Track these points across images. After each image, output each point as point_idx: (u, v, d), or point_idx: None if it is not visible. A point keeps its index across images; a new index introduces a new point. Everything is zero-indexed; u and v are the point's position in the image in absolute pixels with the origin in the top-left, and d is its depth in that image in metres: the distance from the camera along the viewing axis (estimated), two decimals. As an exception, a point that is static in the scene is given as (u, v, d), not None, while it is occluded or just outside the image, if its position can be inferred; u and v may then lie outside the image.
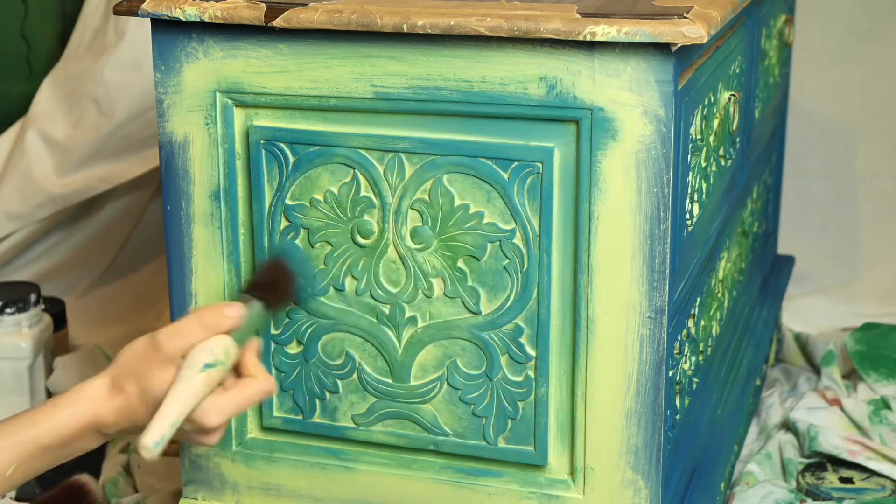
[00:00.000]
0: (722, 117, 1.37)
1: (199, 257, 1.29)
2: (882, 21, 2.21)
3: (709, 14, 1.13)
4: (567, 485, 1.25)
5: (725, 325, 1.58)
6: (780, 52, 1.86)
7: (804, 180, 2.28)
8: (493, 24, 1.12)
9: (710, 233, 1.39)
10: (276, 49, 1.21)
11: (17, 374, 1.82)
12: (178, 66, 1.24)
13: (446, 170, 1.19)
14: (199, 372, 1.07)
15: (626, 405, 1.20)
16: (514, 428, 1.25)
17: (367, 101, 1.20)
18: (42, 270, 2.23)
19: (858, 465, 1.70)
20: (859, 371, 1.94)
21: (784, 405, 1.88)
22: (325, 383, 1.29)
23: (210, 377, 1.07)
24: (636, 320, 1.18)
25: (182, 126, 1.26)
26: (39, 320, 1.86)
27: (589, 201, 1.16)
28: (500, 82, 1.16)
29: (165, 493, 1.61)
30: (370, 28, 1.16)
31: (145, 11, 1.21)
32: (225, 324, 1.10)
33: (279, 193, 1.24)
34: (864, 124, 2.25)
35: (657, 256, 1.16)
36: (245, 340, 1.13)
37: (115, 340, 2.03)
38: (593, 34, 1.10)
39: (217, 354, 1.08)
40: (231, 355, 1.10)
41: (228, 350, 1.09)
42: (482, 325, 1.22)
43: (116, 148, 2.12)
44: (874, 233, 2.27)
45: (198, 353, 1.08)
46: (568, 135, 1.16)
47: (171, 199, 1.28)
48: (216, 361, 1.08)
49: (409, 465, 1.29)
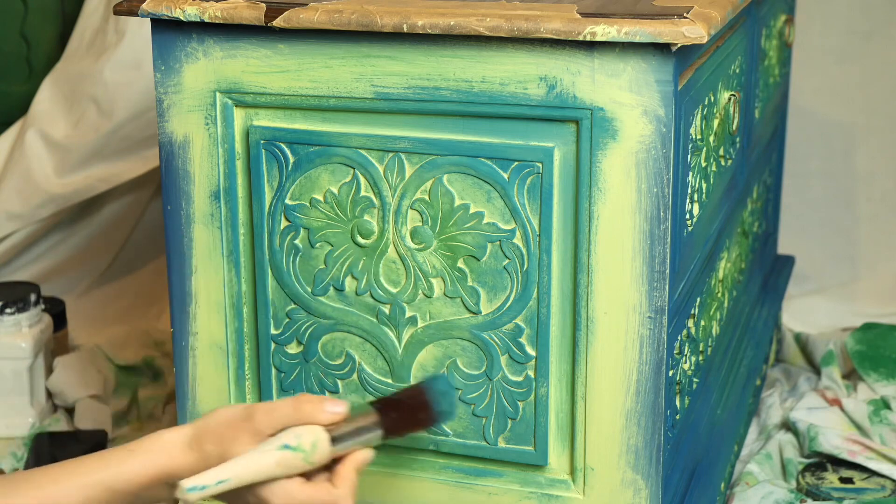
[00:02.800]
0: (722, 117, 1.37)
1: (199, 257, 1.29)
2: (882, 21, 2.21)
3: (709, 14, 1.13)
4: (567, 485, 1.25)
5: (725, 325, 1.58)
6: (780, 52, 1.86)
7: (804, 180, 2.28)
8: (493, 24, 1.12)
9: (710, 233, 1.39)
10: (276, 49, 1.21)
11: (17, 374, 1.82)
12: (178, 66, 1.24)
13: (446, 170, 1.19)
14: (275, 449, 1.05)
15: (626, 405, 1.20)
16: (514, 428, 1.25)
17: (367, 101, 1.20)
18: (42, 270, 2.23)
19: (858, 465, 1.69)
20: (859, 371, 1.94)
21: (784, 405, 1.88)
22: (326, 383, 1.29)
23: (285, 458, 1.05)
24: (636, 320, 1.18)
25: (182, 126, 1.26)
26: (39, 320, 1.86)
27: (589, 201, 1.16)
28: (500, 82, 1.16)
29: (166, 494, 1.61)
30: (370, 28, 1.16)
31: (145, 11, 1.21)
32: (321, 417, 1.08)
33: (279, 193, 1.24)
34: (864, 124, 2.25)
35: (657, 256, 1.16)
36: (348, 447, 1.09)
37: (115, 340, 2.03)
38: (593, 34, 1.10)
39: (302, 441, 1.06)
40: (318, 450, 1.07)
41: (317, 443, 1.07)
42: (482, 325, 1.22)
43: (116, 148, 2.12)
44: (874, 233, 2.27)
45: (285, 434, 1.07)
46: (568, 135, 1.16)
47: (171, 199, 1.28)
48: (298, 447, 1.06)
49: (409, 465, 1.29)
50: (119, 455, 1.09)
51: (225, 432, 1.08)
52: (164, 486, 1.10)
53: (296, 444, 1.06)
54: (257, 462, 1.05)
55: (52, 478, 1.07)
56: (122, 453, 1.09)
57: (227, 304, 1.29)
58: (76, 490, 1.07)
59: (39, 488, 1.06)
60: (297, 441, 1.06)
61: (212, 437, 1.08)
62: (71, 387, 1.87)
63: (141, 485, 1.08)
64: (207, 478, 1.04)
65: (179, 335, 1.32)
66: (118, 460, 1.08)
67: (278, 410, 1.08)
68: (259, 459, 1.05)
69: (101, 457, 1.09)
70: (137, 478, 1.08)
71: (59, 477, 1.07)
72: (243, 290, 1.29)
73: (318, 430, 1.08)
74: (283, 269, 1.26)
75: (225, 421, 1.09)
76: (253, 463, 1.05)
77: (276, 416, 1.08)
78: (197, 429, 1.10)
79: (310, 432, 1.07)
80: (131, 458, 1.08)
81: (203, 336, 1.31)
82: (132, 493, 1.09)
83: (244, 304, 1.30)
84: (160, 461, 1.08)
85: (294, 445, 1.06)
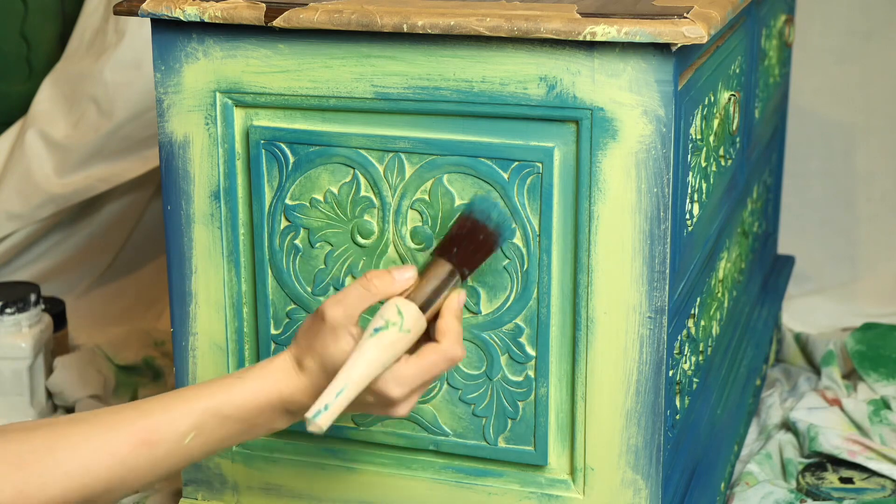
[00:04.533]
0: (722, 117, 1.37)
1: (199, 257, 1.29)
2: (882, 21, 2.21)
3: (709, 14, 1.13)
4: (567, 485, 1.25)
5: (725, 325, 1.58)
6: (780, 52, 1.86)
7: (804, 180, 2.28)
8: (493, 24, 1.12)
9: (710, 233, 1.39)
10: (276, 49, 1.21)
11: (17, 374, 1.82)
12: (178, 66, 1.24)
13: (446, 170, 1.19)
14: (369, 337, 1.01)
15: (626, 405, 1.20)
16: (514, 428, 1.25)
17: (367, 101, 1.20)
18: (42, 270, 2.23)
19: (858, 465, 1.69)
20: (859, 371, 1.94)
21: (784, 405, 1.87)
22: (325, 383, 1.29)
23: (381, 342, 1.02)
24: (636, 320, 1.18)
25: (182, 126, 1.26)
26: (39, 320, 1.86)
27: (589, 201, 1.16)
28: (500, 82, 1.16)
29: (165, 493, 1.61)
30: (370, 28, 1.16)
31: (145, 11, 1.21)
32: (393, 287, 1.06)
33: (279, 193, 1.24)
34: (864, 124, 2.25)
35: (657, 256, 1.16)
36: (434, 302, 1.06)
37: (115, 340, 2.03)
38: (593, 34, 1.10)
39: (388, 316, 1.02)
40: (408, 316, 1.04)
41: (402, 310, 1.03)
42: (482, 324, 1.22)
43: (116, 148, 2.12)
44: (874, 233, 2.27)
45: (371, 322, 1.03)
46: (568, 135, 1.16)
47: (171, 199, 1.28)
48: (388, 323, 1.02)
49: (408, 465, 1.29)
50: (228, 381, 1.06)
51: (313, 343, 1.05)
52: (277, 413, 1.07)
53: (384, 323, 1.03)
54: (361, 359, 1.01)
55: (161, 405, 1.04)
56: (231, 380, 1.06)
57: (227, 304, 1.29)
58: (184, 416, 1.04)
59: (147, 416, 1.04)
60: (383, 320, 1.03)
61: (306, 352, 1.06)
62: (71, 387, 1.87)
63: (251, 410, 1.06)
64: (326, 397, 1.00)
65: (179, 335, 1.32)
66: (227, 386, 1.06)
67: (349, 297, 1.05)
68: (361, 356, 1.01)
69: (211, 384, 1.07)
70: (247, 403, 1.05)
71: (168, 404, 1.05)
72: (243, 290, 1.29)
73: (397, 299, 1.04)
74: (283, 269, 1.26)
75: (306, 332, 1.06)
76: (358, 362, 1.01)
77: (349, 304, 1.05)
78: (293, 351, 1.07)
79: (391, 305, 1.04)
80: (240, 384, 1.06)
81: (203, 336, 1.31)
82: (244, 420, 1.06)
83: (244, 304, 1.30)
84: (272, 385, 1.06)
85: (382, 325, 1.02)
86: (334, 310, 1.05)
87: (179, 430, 1.04)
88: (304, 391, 1.06)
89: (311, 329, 1.06)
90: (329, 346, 1.05)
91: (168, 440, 1.04)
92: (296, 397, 1.07)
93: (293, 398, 1.06)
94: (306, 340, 1.07)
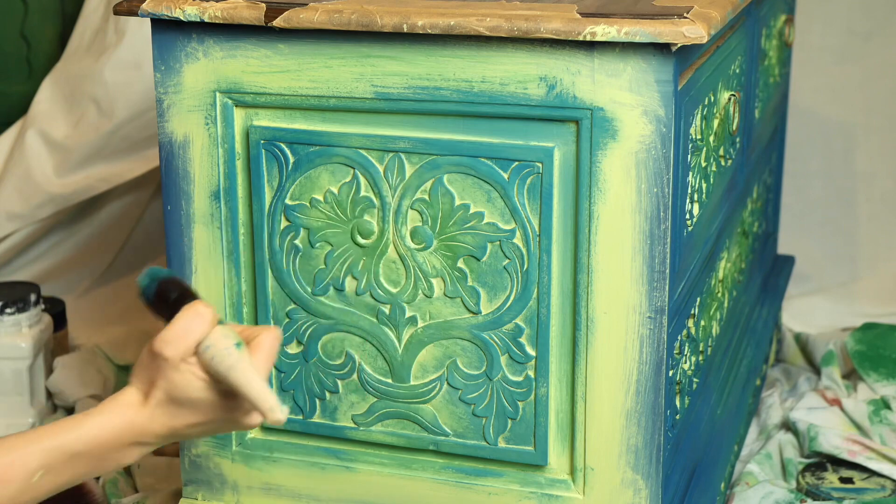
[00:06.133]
0: (722, 117, 1.37)
1: (199, 257, 1.29)
2: (882, 21, 2.21)
3: (709, 14, 1.13)
4: (567, 485, 1.25)
5: (725, 325, 1.58)
6: (780, 52, 1.86)
7: (804, 180, 2.28)
8: (493, 24, 1.12)
9: (710, 233, 1.39)
10: (276, 49, 1.21)
11: (17, 374, 1.82)
12: (178, 66, 1.24)
13: (446, 170, 1.19)
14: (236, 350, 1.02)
15: (626, 405, 1.20)
16: (514, 428, 1.25)
17: (367, 101, 1.20)
18: (42, 270, 2.23)
19: (858, 465, 1.70)
20: (859, 371, 1.94)
21: (784, 405, 1.88)
22: (325, 383, 1.29)
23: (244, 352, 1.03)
24: (636, 320, 1.18)
25: (182, 126, 1.26)
26: (39, 320, 1.86)
27: (589, 201, 1.16)
28: (500, 82, 1.16)
29: (165, 493, 1.61)
30: (370, 28, 1.16)
31: (145, 11, 1.21)
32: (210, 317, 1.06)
33: (279, 193, 1.24)
34: (864, 124, 2.25)
35: (657, 256, 1.16)
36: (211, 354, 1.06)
37: (115, 340, 2.03)
38: (593, 34, 1.10)
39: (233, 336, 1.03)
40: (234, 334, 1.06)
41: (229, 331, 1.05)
42: (482, 325, 1.22)
43: (116, 148, 2.12)
44: (874, 233, 2.27)
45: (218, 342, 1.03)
46: (568, 135, 1.16)
47: (171, 199, 1.28)
48: (239, 340, 1.03)
49: (408, 465, 1.29)
50: (76, 419, 1.08)
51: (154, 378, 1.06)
52: (126, 446, 1.08)
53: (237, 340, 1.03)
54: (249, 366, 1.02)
55: (8, 446, 1.06)
56: (79, 417, 1.08)
57: (227, 304, 1.29)
58: (32, 454, 1.05)
59: None
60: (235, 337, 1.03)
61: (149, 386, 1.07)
62: (71, 387, 1.87)
63: (101, 445, 1.07)
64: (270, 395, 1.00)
65: (179, 335, 1.32)
66: (75, 423, 1.07)
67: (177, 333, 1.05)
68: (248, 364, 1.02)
69: (59, 423, 1.08)
70: (97, 439, 1.07)
71: (16, 444, 1.06)
72: (243, 290, 1.29)
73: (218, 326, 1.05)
74: (283, 269, 1.26)
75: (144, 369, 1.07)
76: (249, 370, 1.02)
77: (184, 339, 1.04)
78: (137, 384, 1.08)
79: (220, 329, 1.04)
80: (88, 419, 1.07)
81: (203, 336, 1.31)
82: (93, 455, 1.07)
83: (244, 304, 1.30)
84: (116, 419, 1.07)
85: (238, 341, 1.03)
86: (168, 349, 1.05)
87: (28, 468, 1.06)
88: (152, 420, 1.08)
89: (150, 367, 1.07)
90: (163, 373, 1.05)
91: (17, 479, 1.05)
92: (144, 428, 1.08)
93: (144, 428, 1.08)
94: (147, 375, 1.07)
